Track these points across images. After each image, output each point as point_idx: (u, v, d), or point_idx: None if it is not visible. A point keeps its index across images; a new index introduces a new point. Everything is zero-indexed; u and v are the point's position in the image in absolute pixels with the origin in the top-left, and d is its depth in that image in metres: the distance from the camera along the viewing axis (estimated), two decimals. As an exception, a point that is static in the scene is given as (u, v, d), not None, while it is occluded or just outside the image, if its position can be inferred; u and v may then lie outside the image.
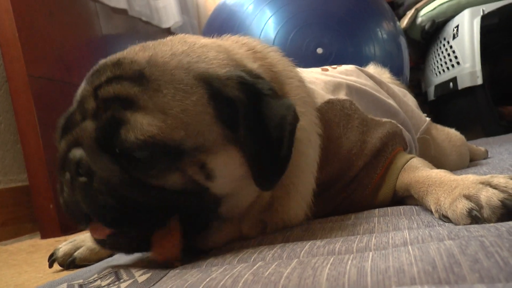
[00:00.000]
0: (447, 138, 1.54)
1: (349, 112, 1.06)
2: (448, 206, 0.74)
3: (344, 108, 1.06)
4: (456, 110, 3.49)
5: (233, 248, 0.82)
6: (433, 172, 0.89)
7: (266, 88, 0.81)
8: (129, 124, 0.73)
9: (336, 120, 1.03)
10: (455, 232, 0.62)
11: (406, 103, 1.39)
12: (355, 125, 1.04)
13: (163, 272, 0.74)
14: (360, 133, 1.04)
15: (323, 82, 1.13)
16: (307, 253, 0.68)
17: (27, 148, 1.99)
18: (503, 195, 0.68)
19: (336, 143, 1.00)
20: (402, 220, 0.82)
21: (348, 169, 1.00)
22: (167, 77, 0.77)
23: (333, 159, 0.99)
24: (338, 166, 0.99)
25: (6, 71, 2.01)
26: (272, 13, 2.42)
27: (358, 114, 1.07)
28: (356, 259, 0.55)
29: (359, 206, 1.01)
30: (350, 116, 1.05)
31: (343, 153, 1.00)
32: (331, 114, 1.03)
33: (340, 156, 1.00)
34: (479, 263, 0.46)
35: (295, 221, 0.92)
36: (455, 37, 3.28)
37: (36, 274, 1.17)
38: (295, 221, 0.92)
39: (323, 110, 1.02)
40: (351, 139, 1.02)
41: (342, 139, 1.01)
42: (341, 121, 1.03)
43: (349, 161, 1.01)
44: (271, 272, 0.57)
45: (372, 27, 2.53)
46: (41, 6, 2.16)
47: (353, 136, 1.03)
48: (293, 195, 0.90)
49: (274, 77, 0.92)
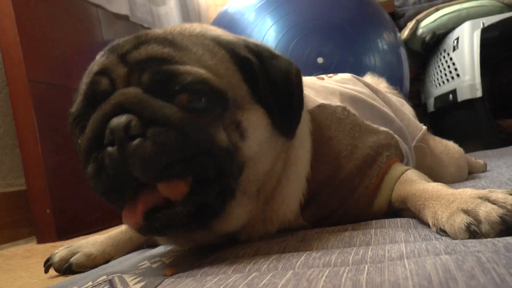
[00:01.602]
0: (445, 150, 1.53)
1: (341, 117, 1.07)
2: (445, 220, 0.74)
3: (336, 113, 1.07)
4: (455, 122, 3.49)
5: (228, 257, 0.81)
6: (429, 185, 0.89)
7: (266, 50, 0.90)
8: (180, 72, 0.75)
9: (327, 122, 1.04)
10: (452, 247, 0.61)
11: (402, 111, 1.39)
12: (347, 129, 1.05)
13: (158, 281, 0.74)
14: (351, 138, 1.04)
15: (315, 89, 1.14)
16: (302, 264, 0.67)
17: (26, 153, 1.99)
18: (502, 211, 0.67)
19: (326, 144, 1.01)
20: (399, 232, 0.81)
21: (338, 172, 1.00)
22: (190, 41, 0.82)
23: (323, 161, 0.99)
24: (328, 168, 1.00)
25: (7, 75, 2.01)
26: (273, 22, 2.43)
27: (351, 119, 1.08)
28: (351, 272, 0.55)
29: (354, 215, 1.00)
30: (342, 120, 1.07)
31: (333, 155, 1.01)
32: (322, 116, 1.04)
33: (330, 158, 1.00)
34: (475, 279, 0.45)
35: (287, 216, 0.94)
36: (455, 49, 3.29)
37: (31, 279, 1.17)
38: (287, 216, 0.94)
39: (314, 113, 1.04)
40: (342, 142, 1.03)
41: (332, 141, 1.02)
42: (332, 124, 1.05)
43: (339, 164, 1.01)
44: (265, 283, 0.57)
45: (373, 37, 2.54)
46: (43, 11, 2.17)
47: (344, 140, 1.03)
48: (286, 186, 0.93)
49: None
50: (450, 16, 3.42)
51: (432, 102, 3.69)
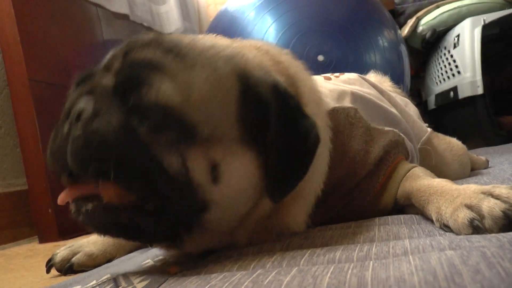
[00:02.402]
0: (449, 147, 1.53)
1: (352, 121, 1.05)
2: (449, 216, 0.74)
3: (348, 117, 1.05)
4: (456, 120, 3.49)
5: (233, 255, 0.81)
6: (434, 181, 0.89)
7: (295, 102, 0.81)
8: (152, 86, 0.70)
9: (340, 128, 1.02)
10: (456, 242, 0.61)
11: (407, 112, 1.38)
12: (359, 134, 1.04)
13: (162, 279, 0.74)
14: (364, 142, 1.03)
15: (328, 89, 1.13)
16: (307, 261, 0.67)
17: (27, 153, 1.98)
18: (505, 206, 0.67)
19: (339, 151, 0.99)
20: (402, 229, 0.81)
21: (350, 178, 1.00)
22: (204, 60, 0.76)
23: (335, 168, 0.98)
24: (340, 175, 0.99)
25: (7, 75, 2.01)
26: (273, 20, 2.43)
27: (362, 123, 1.07)
28: (356, 268, 0.55)
29: (359, 213, 1.00)
30: (353, 125, 1.05)
31: (346, 161, 1.00)
32: (336, 122, 1.02)
33: (343, 165, 0.99)
34: (480, 274, 0.45)
35: (293, 229, 0.89)
36: (456, 46, 3.29)
37: (33, 279, 1.17)
38: (293, 229, 0.89)
39: None
40: (355, 148, 1.02)
41: (345, 147, 1.01)
42: (345, 130, 1.03)
43: (352, 170, 1.00)
44: (270, 280, 0.57)
45: (373, 35, 2.54)
46: (43, 11, 2.16)
47: (357, 145, 1.02)
48: (298, 201, 0.88)
49: (288, 79, 0.90)
50: (451, 13, 3.42)
51: (433, 100, 3.69)
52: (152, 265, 0.91)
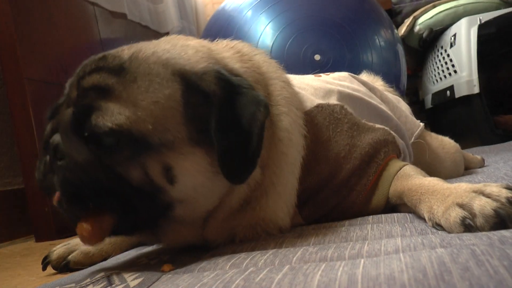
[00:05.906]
0: (441, 145, 1.54)
1: (338, 116, 1.07)
2: (441, 215, 0.74)
3: (334, 112, 1.07)
4: (453, 119, 3.49)
5: (225, 253, 0.82)
6: (426, 180, 0.89)
7: (244, 84, 0.82)
8: (100, 111, 0.76)
9: (326, 123, 1.04)
10: (448, 240, 0.62)
11: (399, 108, 1.39)
12: (344, 129, 1.05)
13: (155, 277, 0.74)
14: (349, 137, 1.04)
15: (313, 88, 1.14)
16: (299, 259, 0.68)
17: (23, 151, 1.98)
18: (496, 204, 0.68)
19: (324, 146, 1.01)
20: (395, 227, 0.82)
21: (337, 173, 1.01)
22: (144, 70, 0.79)
23: (321, 162, 0.99)
24: (327, 169, 1.00)
25: (4, 73, 2.01)
26: (270, 19, 2.43)
27: (348, 118, 1.08)
28: (347, 266, 0.55)
29: (352, 213, 1.01)
30: (339, 120, 1.06)
31: (332, 156, 1.01)
32: (320, 117, 1.04)
33: (329, 159, 1.00)
34: (469, 271, 0.46)
35: (278, 223, 0.92)
36: (453, 45, 3.29)
37: (29, 277, 1.17)
38: (278, 223, 0.92)
39: (312, 114, 1.03)
40: (340, 143, 1.03)
41: (331, 142, 1.02)
42: (330, 125, 1.04)
43: (338, 164, 1.01)
44: (262, 277, 0.57)
45: (370, 34, 2.54)
46: (40, 9, 2.16)
47: (342, 140, 1.03)
48: (271, 195, 0.90)
49: (259, 78, 0.94)
50: (447, 12, 3.42)
51: (430, 99, 3.69)
52: (146, 263, 0.91)
